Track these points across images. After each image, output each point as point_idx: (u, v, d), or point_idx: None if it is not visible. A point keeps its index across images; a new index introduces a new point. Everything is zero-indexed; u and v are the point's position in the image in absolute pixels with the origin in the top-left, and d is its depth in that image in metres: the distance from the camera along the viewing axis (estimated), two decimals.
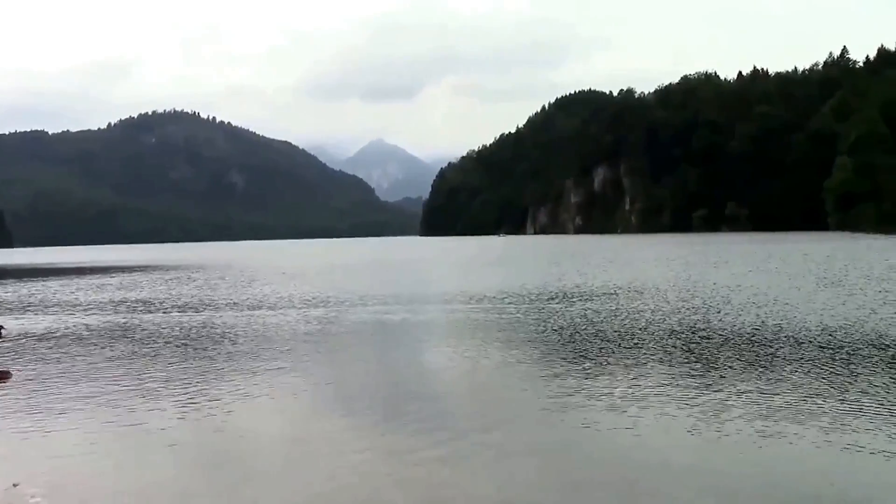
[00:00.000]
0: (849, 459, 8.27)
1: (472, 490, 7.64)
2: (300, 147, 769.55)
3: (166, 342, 19.13)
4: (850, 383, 11.99)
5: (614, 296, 28.31)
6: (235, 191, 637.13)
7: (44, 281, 52.36)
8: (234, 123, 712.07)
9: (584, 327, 19.70)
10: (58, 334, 21.42)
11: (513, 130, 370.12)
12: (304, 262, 76.60)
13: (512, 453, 8.82)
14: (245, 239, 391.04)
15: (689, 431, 9.54)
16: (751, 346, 16.02)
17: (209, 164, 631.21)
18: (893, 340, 15.97)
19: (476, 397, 12.16)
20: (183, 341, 19.25)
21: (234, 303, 29.61)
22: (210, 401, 11.97)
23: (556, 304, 25.91)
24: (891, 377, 12.39)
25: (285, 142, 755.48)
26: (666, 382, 12.45)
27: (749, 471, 8.01)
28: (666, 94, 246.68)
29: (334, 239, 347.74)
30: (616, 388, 12.16)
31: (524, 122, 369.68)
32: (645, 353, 15.38)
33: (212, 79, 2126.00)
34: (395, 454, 8.85)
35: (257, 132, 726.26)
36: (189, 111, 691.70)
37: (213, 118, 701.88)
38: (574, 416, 10.37)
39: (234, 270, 60.28)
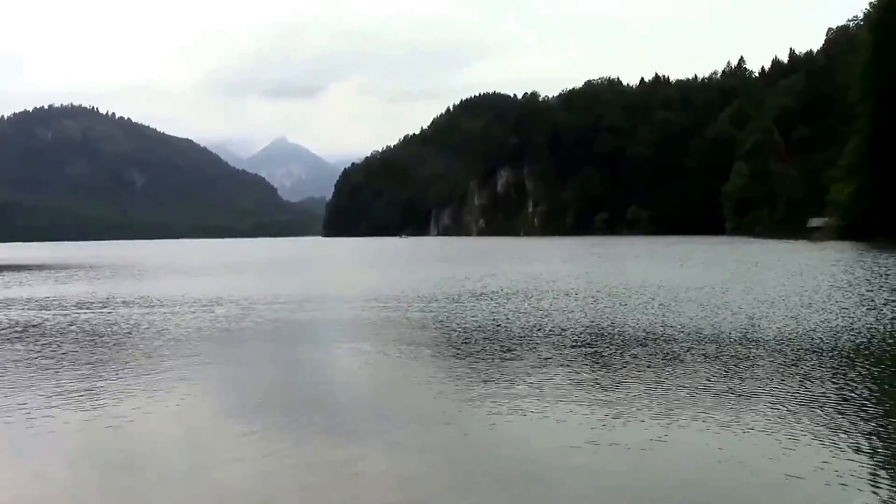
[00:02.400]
0: (744, 458, 8.14)
1: (372, 491, 7.46)
2: (202, 145, 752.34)
3: (58, 343, 17.61)
4: (748, 381, 11.88)
5: (519, 295, 27.79)
6: (135, 188, 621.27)
7: None
8: (134, 120, 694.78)
9: (489, 327, 19.05)
10: None
11: (417, 132, 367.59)
12: (204, 261, 75.43)
13: (413, 454, 8.63)
14: (144, 238, 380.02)
15: (591, 430, 9.32)
16: (654, 344, 15.73)
17: (108, 161, 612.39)
18: (791, 337, 16.12)
19: (378, 398, 11.74)
20: (76, 342, 17.78)
21: (132, 302, 28.07)
22: (106, 404, 11.17)
23: (460, 304, 25.36)
24: (784, 373, 12.37)
25: (187, 139, 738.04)
26: (570, 382, 12.10)
27: (648, 470, 7.90)
28: (570, 98, 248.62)
29: (236, 238, 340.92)
30: (519, 387, 11.72)
31: (429, 123, 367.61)
32: (550, 353, 14.92)
33: (112, 74, 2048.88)
34: (295, 457, 8.55)
35: (158, 129, 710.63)
36: (88, 106, 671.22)
37: (113, 114, 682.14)
38: (476, 417, 10.09)
39: (132, 269, 58.76)
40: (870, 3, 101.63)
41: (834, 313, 20.00)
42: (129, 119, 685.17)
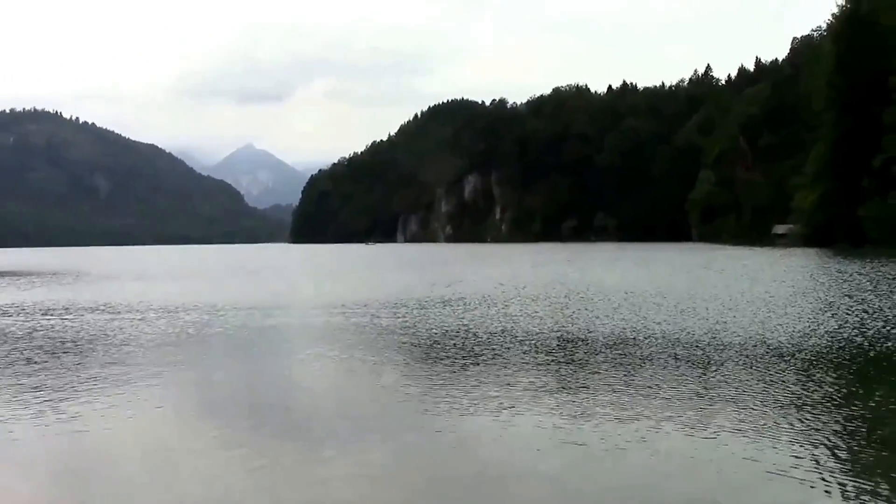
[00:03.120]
0: (711, 461, 8.19)
1: (338, 497, 7.45)
2: (167, 151, 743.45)
3: (20, 350, 17.25)
4: (715, 384, 11.96)
5: (486, 301, 27.65)
6: (98, 194, 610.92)
7: None
8: (98, 125, 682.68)
9: (456, 333, 18.86)
10: None
11: (385, 138, 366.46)
12: (169, 268, 74.84)
13: (380, 460, 8.57)
14: (108, 244, 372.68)
15: (558, 434, 9.32)
16: (621, 348, 15.76)
17: (71, 166, 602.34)
18: (756, 341, 16.22)
19: (346, 404, 11.60)
20: (39, 349, 17.44)
21: (95, 308, 27.46)
22: (67, 412, 10.90)
23: (427, 309, 25.18)
24: (749, 377, 12.46)
25: (152, 145, 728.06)
26: (537, 387, 12.02)
27: (615, 474, 7.94)
28: (538, 106, 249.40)
29: (201, 245, 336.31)
30: (487, 392, 11.64)
31: (396, 129, 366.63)
32: (517, 358, 14.84)
33: (76, 79, 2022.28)
34: (261, 463, 8.39)
35: (123, 134, 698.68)
36: (51, 110, 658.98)
37: (77, 118, 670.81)
38: (443, 422, 9.99)
39: (95, 275, 57.92)
40: (832, 14, 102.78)
41: (797, 318, 20.21)
42: (93, 124, 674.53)
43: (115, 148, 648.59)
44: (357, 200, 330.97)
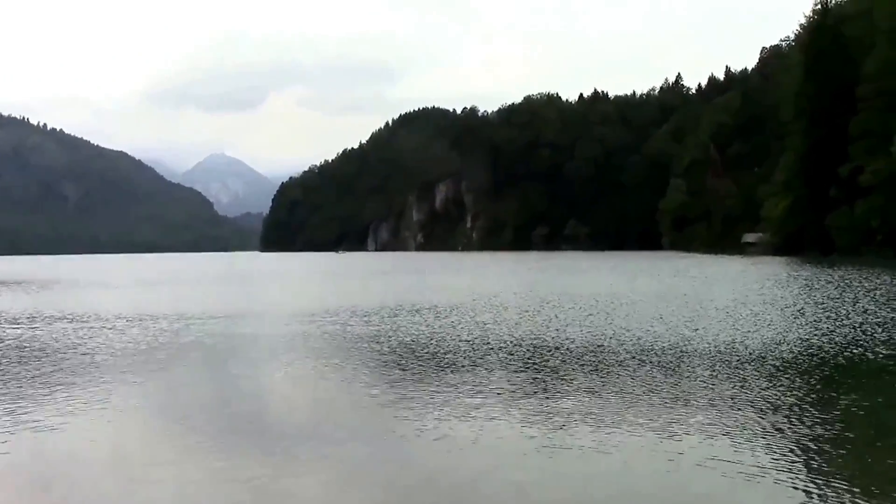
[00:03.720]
0: (683, 467, 8.20)
1: None
2: (136, 158, 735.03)
3: None
4: (685, 390, 12.03)
5: (457, 309, 27.45)
6: (67, 202, 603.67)
7: None
8: (67, 131, 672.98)
9: (428, 341, 18.73)
10: None
11: (356, 146, 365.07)
12: (137, 276, 74.09)
13: (349, 472, 8.47)
14: (77, 253, 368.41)
15: (529, 443, 9.23)
16: (593, 355, 15.77)
17: (39, 173, 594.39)
18: (726, 348, 16.34)
19: (315, 415, 11.45)
20: (3, 358, 17.23)
21: (61, 317, 26.92)
22: (32, 422, 10.71)
23: (398, 318, 24.97)
24: (720, 382, 12.57)
25: (121, 152, 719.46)
26: (509, 396, 11.92)
27: (585, 481, 7.94)
28: (509, 114, 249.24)
29: (171, 254, 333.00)
30: (458, 401, 11.53)
31: (367, 137, 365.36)
32: (489, 367, 14.73)
33: (44, 85, 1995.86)
34: (228, 475, 8.25)
35: (92, 141, 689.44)
36: (18, 116, 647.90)
37: (45, 125, 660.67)
38: (414, 433, 9.85)
39: (63, 284, 57.28)
40: (800, 25, 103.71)
41: (767, 325, 20.33)
42: (61, 130, 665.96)
43: (85, 155, 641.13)
44: (327, 209, 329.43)
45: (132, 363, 16.09)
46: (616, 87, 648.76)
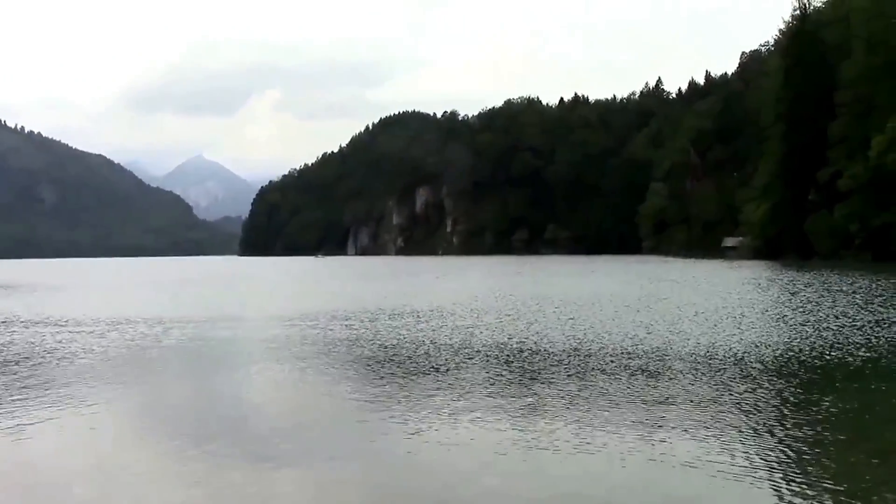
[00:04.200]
0: (663, 469, 8.23)
1: None
2: (115, 161, 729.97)
3: None
4: (666, 393, 11.96)
5: (437, 314, 27.26)
6: (44, 205, 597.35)
7: None
8: (44, 134, 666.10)
9: (408, 346, 18.57)
10: None
11: (336, 149, 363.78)
12: (115, 281, 73.91)
13: (329, 478, 8.31)
14: (54, 257, 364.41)
15: (510, 448, 9.12)
16: (573, 359, 15.64)
17: (16, 176, 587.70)
18: (706, 351, 16.38)
19: (295, 421, 11.17)
20: None
21: (37, 322, 26.44)
22: (7, 426, 10.60)
23: (378, 322, 24.75)
24: (701, 385, 12.59)
25: (99, 155, 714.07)
26: (489, 401, 11.74)
27: (567, 484, 7.84)
28: (489, 118, 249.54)
29: (149, 258, 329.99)
30: (438, 407, 11.39)
31: (347, 141, 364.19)
32: (469, 371, 14.59)
33: (21, 87, 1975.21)
34: (206, 483, 8.15)
35: (70, 144, 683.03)
36: None
37: (22, 127, 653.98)
38: (394, 439, 9.72)
39: (39, 288, 56.85)
40: (779, 30, 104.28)
41: (746, 328, 20.39)
42: (38, 133, 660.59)
43: (62, 158, 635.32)
44: (307, 213, 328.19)
45: (110, 368, 15.88)
46: (596, 92, 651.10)
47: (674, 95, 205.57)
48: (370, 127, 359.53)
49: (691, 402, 11.31)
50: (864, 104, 76.54)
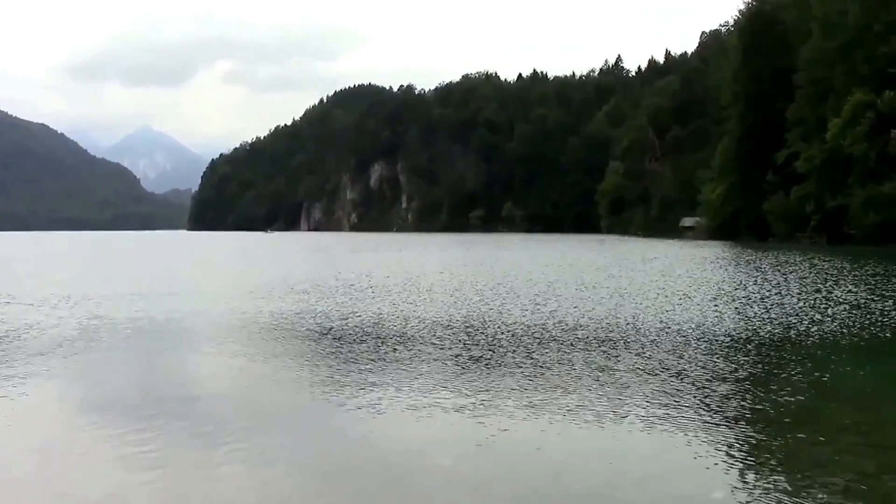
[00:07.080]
0: (616, 454, 8.24)
1: (232, 496, 7.18)
2: (59, 131, 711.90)
3: None
4: (623, 373, 11.95)
5: (393, 291, 26.78)
6: None
7: None
8: None
9: (360, 323, 18.34)
10: None
11: (289, 122, 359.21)
12: (57, 255, 71.74)
13: (278, 459, 8.17)
14: None
15: (464, 430, 9.08)
16: (532, 339, 15.54)
17: None
18: (665, 330, 16.38)
19: (245, 400, 11.04)
20: None
21: None
22: None
23: (332, 299, 24.19)
24: (658, 365, 12.58)
25: (42, 124, 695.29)
26: (443, 380, 11.64)
27: (521, 468, 7.79)
28: (446, 93, 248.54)
29: (94, 231, 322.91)
30: (391, 384, 11.34)
31: (301, 114, 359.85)
32: (424, 351, 14.35)
33: None
34: (154, 462, 7.95)
35: (10, 112, 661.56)
36: None
37: None
38: (344, 417, 9.69)
39: None
40: (739, 11, 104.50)
41: (703, 308, 20.63)
42: None
43: (2, 127, 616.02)
44: (259, 187, 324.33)
45: (55, 345, 15.33)
46: (555, 68, 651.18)
47: (633, 73, 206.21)
48: (324, 100, 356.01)
49: (649, 383, 11.32)
50: (820, 87, 76.82)
